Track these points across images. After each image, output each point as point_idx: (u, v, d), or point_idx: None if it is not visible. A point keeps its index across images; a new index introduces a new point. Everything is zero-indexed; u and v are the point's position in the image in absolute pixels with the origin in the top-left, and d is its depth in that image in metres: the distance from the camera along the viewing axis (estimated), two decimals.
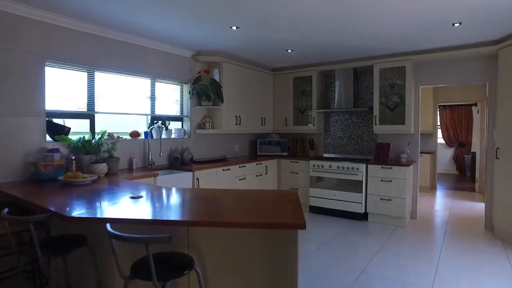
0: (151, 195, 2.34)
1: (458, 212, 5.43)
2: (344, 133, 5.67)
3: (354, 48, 4.53)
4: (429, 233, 4.35)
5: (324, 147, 5.88)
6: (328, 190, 5.09)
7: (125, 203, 2.09)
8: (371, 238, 4.16)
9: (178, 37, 3.99)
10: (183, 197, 2.31)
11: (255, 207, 2.03)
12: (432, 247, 3.82)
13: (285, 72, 5.87)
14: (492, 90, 4.51)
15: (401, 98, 4.85)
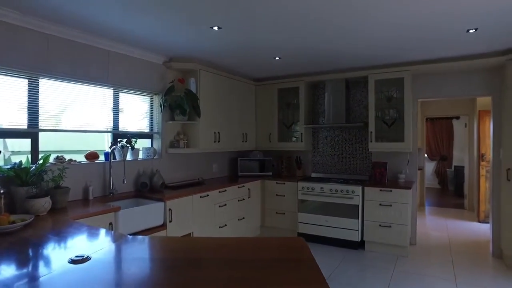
0: (103, 253, 1.64)
1: (457, 235, 5.02)
2: (335, 151, 5.15)
3: (348, 56, 4.03)
4: (436, 264, 3.86)
5: (313, 166, 5.33)
6: (319, 215, 4.52)
7: (56, 277, 1.36)
8: (373, 273, 3.60)
9: (149, 39, 3.31)
10: (147, 261, 1.62)
11: (252, 279, 1.38)
12: (445, 285, 3.31)
13: (270, 83, 5.31)
14: (496, 105, 4.15)
15: (398, 113, 4.40)
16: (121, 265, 1.57)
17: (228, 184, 4.31)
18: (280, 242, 1.95)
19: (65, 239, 1.92)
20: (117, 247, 1.72)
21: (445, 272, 3.64)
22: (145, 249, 1.77)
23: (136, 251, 1.72)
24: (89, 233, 1.98)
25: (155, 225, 3.17)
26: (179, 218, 3.42)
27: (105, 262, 1.54)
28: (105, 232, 2.03)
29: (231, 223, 4.30)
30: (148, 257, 1.67)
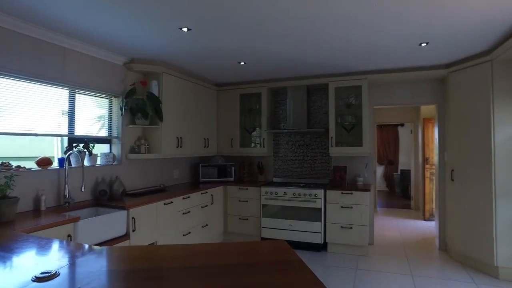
0: (70, 268, 1.48)
1: (408, 233, 5.36)
2: (296, 156, 5.25)
3: (310, 64, 4.17)
4: (393, 261, 4.08)
5: (274, 171, 5.39)
6: (283, 219, 4.56)
7: None
8: (338, 273, 3.70)
9: (109, 38, 3.13)
10: (126, 273, 1.50)
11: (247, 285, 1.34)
12: (404, 282, 3.50)
13: (232, 88, 5.29)
14: (441, 112, 4.54)
15: (356, 119, 4.63)
16: (94, 280, 1.43)
17: (192, 191, 4.19)
18: (265, 246, 1.92)
19: (20, 255, 1.70)
20: (86, 260, 1.57)
21: (402, 267, 3.86)
22: (119, 260, 1.64)
23: (110, 264, 1.58)
24: (45, 246, 1.78)
25: (118, 235, 2.97)
26: (143, 227, 3.24)
27: (73, 278, 1.39)
28: (66, 244, 1.85)
29: (195, 230, 4.17)
30: (125, 269, 1.54)
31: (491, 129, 3.59)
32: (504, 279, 3.51)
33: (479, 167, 3.74)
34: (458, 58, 3.92)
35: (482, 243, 3.71)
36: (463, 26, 2.90)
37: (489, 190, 3.61)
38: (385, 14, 2.64)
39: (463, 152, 3.97)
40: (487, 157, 3.63)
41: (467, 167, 3.91)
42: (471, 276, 3.62)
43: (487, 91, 3.65)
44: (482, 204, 3.69)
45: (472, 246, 3.84)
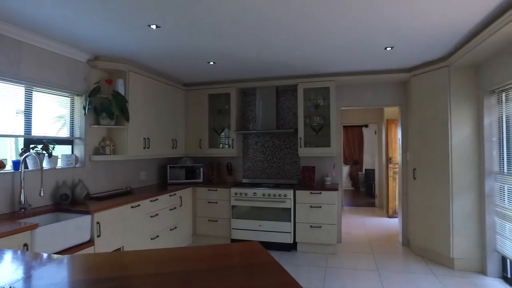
0: (25, 281, 1.37)
1: (373, 230, 5.55)
2: (265, 156, 5.27)
3: (279, 65, 4.19)
4: (360, 258, 4.19)
5: (243, 172, 5.37)
6: (253, 220, 4.56)
7: None
8: (308, 272, 3.75)
9: (70, 32, 2.95)
10: (94, 284, 1.42)
11: None
12: (372, 277, 3.61)
13: (200, 88, 5.21)
14: (403, 114, 4.74)
15: (325, 120, 4.72)
16: None
17: (160, 193, 4.07)
18: (237, 248, 1.89)
19: None
20: (45, 271, 1.46)
21: (369, 263, 3.99)
22: (82, 269, 1.54)
23: (73, 274, 1.49)
24: None
25: (81, 242, 2.81)
26: (109, 231, 3.10)
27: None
28: (21, 254, 1.72)
29: (163, 233, 4.06)
30: (90, 279, 1.46)
31: (449, 131, 3.80)
32: (458, 269, 3.75)
33: (438, 166, 3.94)
34: (419, 63, 4.11)
35: (440, 237, 3.91)
36: (424, 33, 3.04)
37: (446, 188, 3.81)
38: (351, 18, 2.70)
39: (424, 152, 4.17)
40: (445, 157, 3.84)
41: (428, 166, 4.11)
42: (430, 268, 3.82)
43: (444, 95, 3.85)
44: (441, 201, 3.90)
45: (432, 240, 4.04)
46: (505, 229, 3.38)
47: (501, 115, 3.48)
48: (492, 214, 3.57)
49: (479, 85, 3.71)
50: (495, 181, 3.54)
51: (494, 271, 3.58)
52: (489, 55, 3.41)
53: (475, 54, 3.37)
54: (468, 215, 3.73)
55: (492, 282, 3.45)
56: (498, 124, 3.53)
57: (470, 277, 3.57)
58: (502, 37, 2.87)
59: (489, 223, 3.57)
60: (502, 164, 3.47)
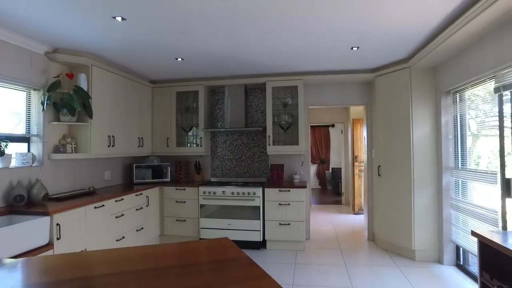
0: None
1: (340, 227, 5.70)
2: (234, 155, 5.26)
3: (248, 63, 4.20)
4: (328, 253, 4.29)
5: (212, 171, 5.32)
6: (222, 219, 4.53)
7: None
8: (278, 269, 3.78)
9: (26, 21, 2.77)
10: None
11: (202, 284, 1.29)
12: (339, 271, 3.71)
13: (168, 85, 5.10)
14: (368, 113, 4.91)
15: (293, 118, 4.79)
16: None
17: (125, 192, 3.93)
18: (208, 244, 1.87)
19: None
20: None
21: (336, 258, 4.09)
22: (40, 272, 1.45)
23: (29, 277, 1.40)
24: None
25: (39, 245, 2.65)
26: (70, 234, 2.95)
27: None
28: None
29: (129, 234, 3.93)
30: (49, 281, 1.38)
31: (410, 129, 3.99)
32: (419, 260, 3.95)
33: (401, 163, 4.13)
34: (383, 64, 4.28)
35: (403, 231, 4.10)
36: (388, 34, 3.16)
37: (408, 183, 4.00)
38: (317, 18, 2.76)
39: (388, 150, 4.35)
40: (407, 154, 4.03)
41: (392, 163, 4.29)
42: (394, 260, 3.99)
43: (406, 95, 4.04)
44: (403, 196, 4.08)
45: (395, 234, 4.22)
46: (459, 220, 3.60)
47: (455, 114, 3.71)
48: (448, 207, 3.79)
49: (437, 86, 3.92)
50: (451, 175, 3.76)
51: (449, 259, 3.80)
52: (444, 59, 3.63)
53: (431, 58, 3.58)
54: (428, 209, 3.93)
55: (447, 270, 3.67)
56: (454, 122, 3.75)
57: (429, 267, 3.77)
58: (452, 44, 3.14)
59: (446, 215, 3.79)
60: (457, 160, 3.69)
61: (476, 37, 2.99)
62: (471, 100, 3.44)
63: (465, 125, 3.53)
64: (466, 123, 3.51)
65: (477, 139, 3.40)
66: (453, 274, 3.56)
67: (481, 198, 3.26)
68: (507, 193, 2.77)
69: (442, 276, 3.53)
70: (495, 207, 2.94)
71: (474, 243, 3.27)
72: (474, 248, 3.24)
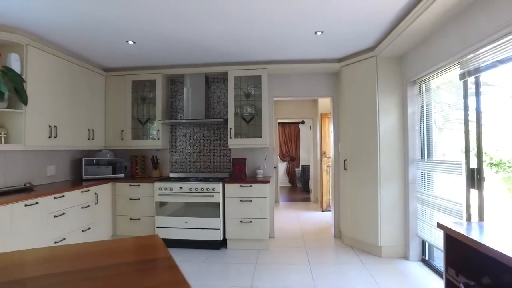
0: None
1: (307, 225, 5.50)
2: (194, 149, 4.93)
3: (207, 50, 3.91)
4: (292, 252, 4.07)
5: (171, 166, 4.97)
6: (179, 217, 4.20)
7: None
8: (237, 269, 3.51)
9: None
10: None
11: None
12: (302, 271, 3.48)
13: (123, 74, 4.70)
14: (335, 105, 4.74)
15: (256, 110, 4.54)
16: None
17: (68, 189, 3.53)
18: (133, 243, 1.58)
19: None
20: None
21: (300, 257, 3.87)
22: None
23: None
24: None
25: None
26: None
27: None
28: None
29: (72, 235, 3.53)
30: None
31: (377, 121, 3.83)
32: (385, 256, 3.80)
33: (367, 156, 3.97)
34: (350, 53, 4.11)
35: (369, 227, 3.94)
36: (353, 17, 2.97)
37: (375, 177, 3.84)
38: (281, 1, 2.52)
39: (354, 142, 4.18)
40: (373, 146, 3.87)
41: (358, 156, 4.12)
42: (360, 257, 3.81)
43: (373, 85, 3.88)
44: (370, 190, 3.92)
45: (361, 230, 4.06)
46: (425, 214, 3.47)
47: (422, 104, 3.58)
48: (414, 200, 3.66)
49: (403, 75, 3.79)
50: (417, 168, 3.63)
51: (415, 255, 3.67)
52: (409, 47, 3.51)
53: (396, 46, 3.44)
54: (395, 203, 3.79)
55: (413, 265, 3.54)
56: (420, 113, 3.63)
57: (394, 263, 3.62)
58: (416, 30, 3.01)
59: (412, 210, 3.66)
60: (423, 152, 3.56)
61: (439, 23, 2.86)
62: (437, 88, 3.31)
63: (431, 116, 3.41)
64: (432, 114, 3.39)
65: (443, 130, 3.28)
66: (418, 270, 3.43)
67: (447, 191, 3.14)
68: (472, 184, 2.64)
69: (408, 272, 3.39)
70: (460, 199, 2.81)
71: (439, 237, 3.14)
72: (439, 242, 3.11)
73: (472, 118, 2.64)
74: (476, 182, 2.57)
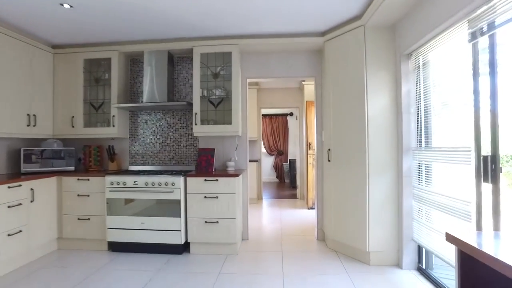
0: None
1: (288, 225, 4.88)
2: (157, 138, 4.28)
3: (169, 21, 3.26)
4: (265, 259, 3.45)
5: (131, 158, 4.32)
6: (134, 217, 3.57)
7: None
8: (195, 280, 2.88)
9: None
10: None
11: None
12: (273, 283, 2.86)
13: (73, 51, 4.04)
14: (318, 87, 4.11)
15: (226, 92, 3.90)
16: None
17: None
18: None
19: None
20: None
21: (275, 265, 3.24)
22: None
23: None
24: None
25: None
26: None
27: None
28: None
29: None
30: None
31: (365, 102, 3.21)
32: (374, 264, 3.21)
33: (354, 145, 3.35)
34: (334, 24, 3.49)
35: (355, 229, 3.33)
36: None
37: (363, 168, 3.23)
38: None
39: (339, 129, 3.56)
40: (361, 133, 3.25)
41: (343, 145, 3.51)
42: (344, 265, 3.21)
43: (360, 61, 3.26)
44: (357, 184, 3.31)
45: (347, 232, 3.45)
46: (422, 214, 2.87)
47: (418, 81, 2.96)
48: (409, 197, 3.05)
49: (396, 47, 3.18)
50: (413, 158, 3.02)
51: (409, 262, 3.07)
52: (403, 12, 2.89)
53: (386, 10, 2.84)
54: (386, 201, 3.18)
55: (406, 275, 2.95)
56: (416, 92, 3.01)
57: (385, 273, 3.02)
58: None
59: (406, 208, 3.05)
60: (419, 138, 2.95)
61: None
62: (438, 60, 2.69)
63: (430, 95, 2.79)
64: (431, 92, 2.77)
65: (444, 111, 2.65)
66: (414, 281, 2.83)
67: (449, 185, 2.52)
68: (484, 176, 2.02)
69: (401, 284, 2.79)
70: (467, 196, 2.20)
71: (439, 243, 2.53)
72: (440, 249, 2.51)
73: (485, 90, 2.02)
74: (490, 173, 1.96)
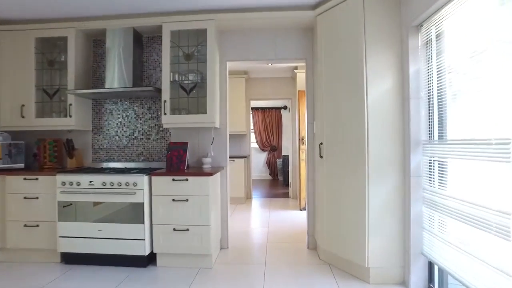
0: None
1: (277, 229, 4.33)
2: (123, 130, 3.70)
3: None
4: (244, 274, 2.89)
5: (94, 153, 3.74)
6: (90, 223, 3.00)
7: None
8: None
9: None
10: None
11: None
12: None
13: (23, 28, 3.43)
14: (310, 71, 3.54)
15: (201, 76, 3.32)
16: None
17: None
18: None
19: None
20: None
21: (254, 282, 2.68)
22: None
23: None
24: None
25: None
26: None
27: None
28: None
29: None
30: None
31: (364, 87, 2.64)
32: (375, 282, 2.66)
33: (350, 137, 2.78)
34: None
35: (353, 239, 2.77)
36: None
37: (361, 167, 2.67)
38: None
39: (333, 119, 2.99)
40: (359, 123, 2.69)
41: (338, 138, 2.94)
42: (339, 284, 2.66)
43: (358, 37, 2.68)
44: (354, 186, 2.74)
45: (342, 243, 2.89)
46: (434, 223, 2.31)
47: (430, 58, 2.39)
48: (418, 202, 2.49)
49: (402, 19, 2.61)
50: (423, 154, 2.46)
51: (418, 281, 2.52)
52: None
53: None
54: (389, 206, 2.63)
55: None
56: (427, 73, 2.44)
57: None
58: None
59: (415, 215, 2.49)
60: (431, 130, 2.39)
61: None
62: (457, 29, 2.12)
63: (445, 76, 2.22)
64: (446, 72, 2.20)
65: (463, 95, 2.08)
66: None
67: (474, 190, 1.96)
68: None
69: None
70: (503, 205, 1.64)
71: (456, 259, 1.97)
72: (458, 268, 1.95)
73: None
74: None
